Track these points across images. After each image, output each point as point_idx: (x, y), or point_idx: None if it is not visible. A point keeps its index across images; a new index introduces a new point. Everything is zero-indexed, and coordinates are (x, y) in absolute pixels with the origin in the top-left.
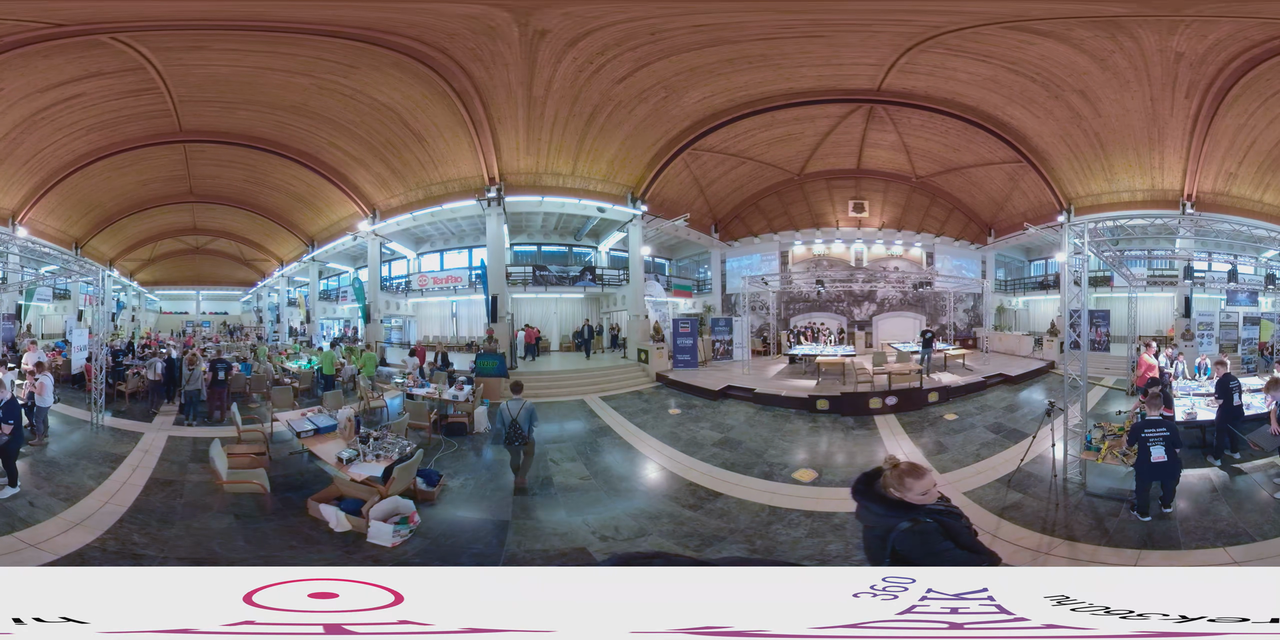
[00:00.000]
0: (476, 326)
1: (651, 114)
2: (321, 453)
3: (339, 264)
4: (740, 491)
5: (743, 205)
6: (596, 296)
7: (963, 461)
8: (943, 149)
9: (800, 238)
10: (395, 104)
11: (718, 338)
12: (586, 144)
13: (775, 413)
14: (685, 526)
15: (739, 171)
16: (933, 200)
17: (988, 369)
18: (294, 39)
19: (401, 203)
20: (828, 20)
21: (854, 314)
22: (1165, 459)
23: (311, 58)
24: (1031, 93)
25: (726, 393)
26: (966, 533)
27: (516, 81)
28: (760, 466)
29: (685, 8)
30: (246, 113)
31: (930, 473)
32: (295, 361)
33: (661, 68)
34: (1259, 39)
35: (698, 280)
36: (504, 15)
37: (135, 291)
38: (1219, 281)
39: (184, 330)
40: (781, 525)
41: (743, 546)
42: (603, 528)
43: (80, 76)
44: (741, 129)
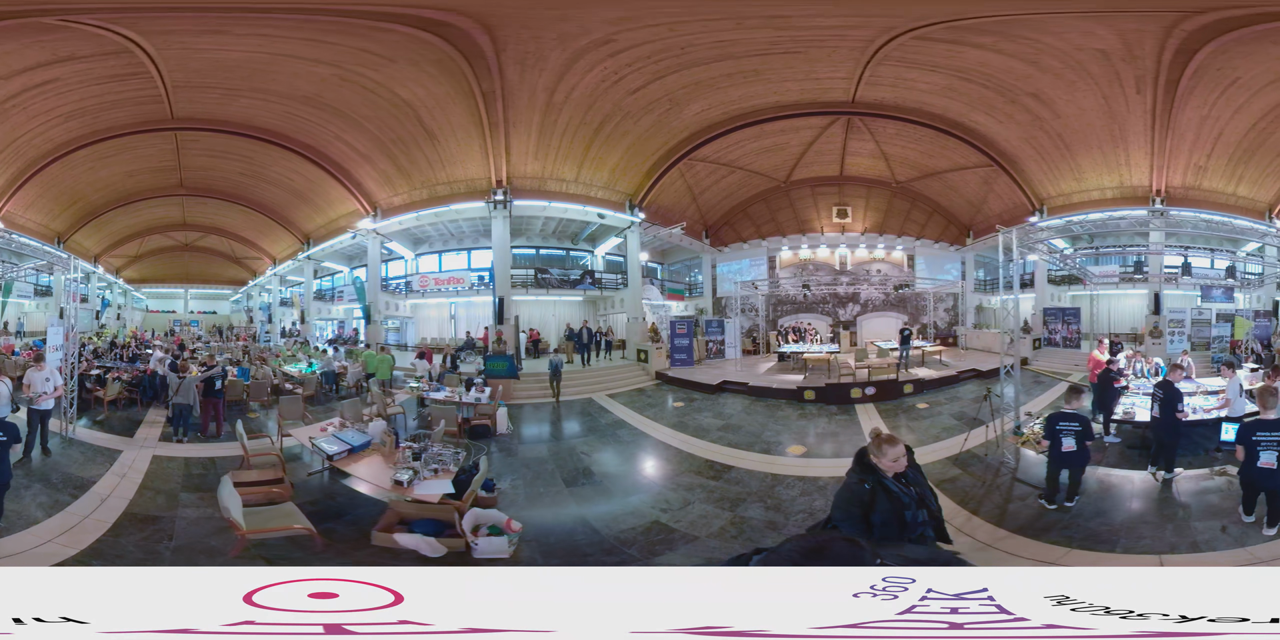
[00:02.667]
0: (476, 328)
1: (654, 125)
2: (367, 476)
3: (334, 263)
4: (747, 464)
5: (732, 212)
6: (594, 299)
7: (924, 441)
8: (918, 155)
9: (787, 243)
10: (416, 101)
11: (710, 338)
12: (592, 151)
13: (768, 403)
14: (715, 493)
15: (729, 180)
16: (913, 204)
17: (962, 364)
18: (342, 26)
19: (404, 201)
20: (802, 36)
21: (839, 315)
22: (1074, 449)
23: (350, 48)
24: (988, 98)
25: (723, 387)
26: (891, 508)
27: (543, 86)
28: (760, 445)
29: (712, 26)
30: (250, 101)
31: (901, 444)
32: (295, 365)
33: (672, 81)
34: (1164, 26)
35: (689, 283)
36: (581, 16)
37: (122, 289)
38: (1193, 277)
39: (171, 330)
40: (782, 487)
41: (759, 505)
42: (656, 503)
43: (50, 61)
44: (733, 140)
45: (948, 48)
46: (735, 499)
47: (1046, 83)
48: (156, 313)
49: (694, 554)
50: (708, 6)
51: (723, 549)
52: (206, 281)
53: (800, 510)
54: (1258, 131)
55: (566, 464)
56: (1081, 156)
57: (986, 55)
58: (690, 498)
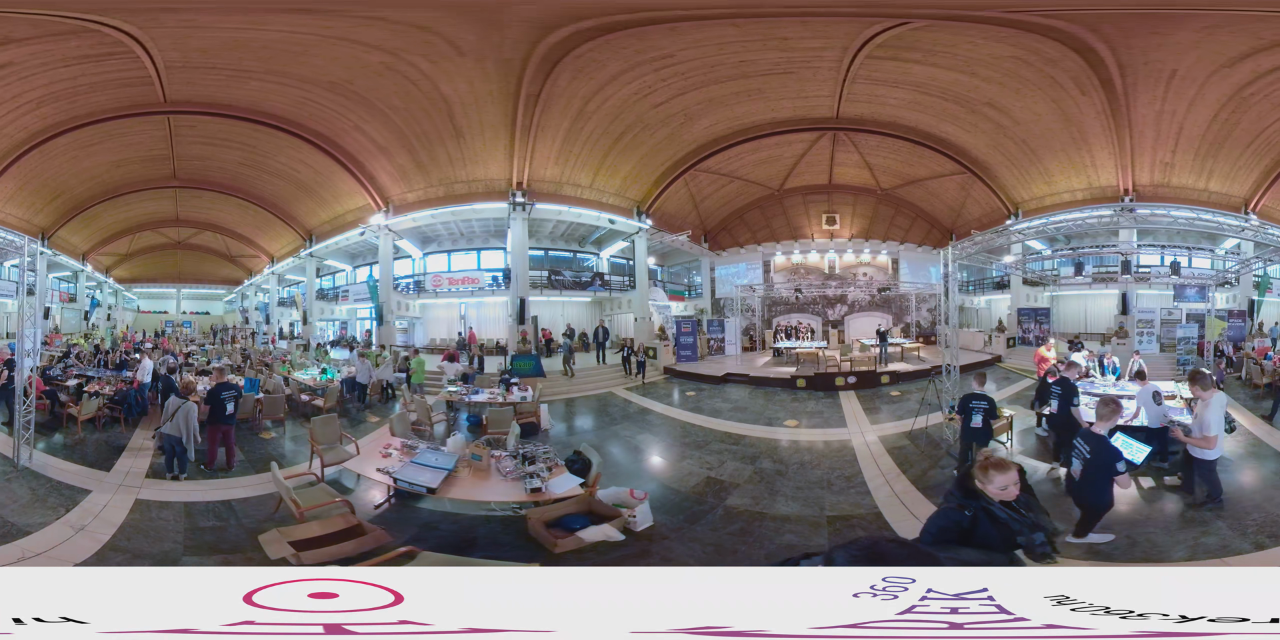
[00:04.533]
0: (485, 329)
1: (667, 137)
2: (486, 495)
3: (337, 261)
4: (756, 434)
5: (730, 218)
6: (602, 300)
7: (889, 420)
8: (900, 165)
9: (781, 249)
10: (454, 97)
11: (712, 336)
12: (609, 160)
13: (766, 390)
14: (738, 454)
15: (728, 189)
16: (897, 210)
17: (937, 360)
18: (451, 12)
19: (418, 198)
20: (795, 58)
21: (828, 314)
22: (980, 426)
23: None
24: (951, 110)
25: (727, 378)
26: (997, 536)
27: (583, 94)
28: (763, 420)
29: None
30: (263, 84)
31: (1014, 469)
32: (307, 372)
33: (690, 97)
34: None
35: (688, 284)
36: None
37: (112, 288)
38: (1163, 276)
39: (162, 331)
40: (781, 448)
41: (768, 459)
42: (702, 465)
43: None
44: (734, 152)
45: (895, 65)
46: (752, 457)
47: (995, 91)
48: (148, 313)
49: (742, 497)
50: (758, 29)
51: (754, 492)
52: (200, 281)
53: (795, 462)
54: (1220, 123)
55: (618, 446)
56: (1048, 160)
57: (928, 69)
58: (723, 458)
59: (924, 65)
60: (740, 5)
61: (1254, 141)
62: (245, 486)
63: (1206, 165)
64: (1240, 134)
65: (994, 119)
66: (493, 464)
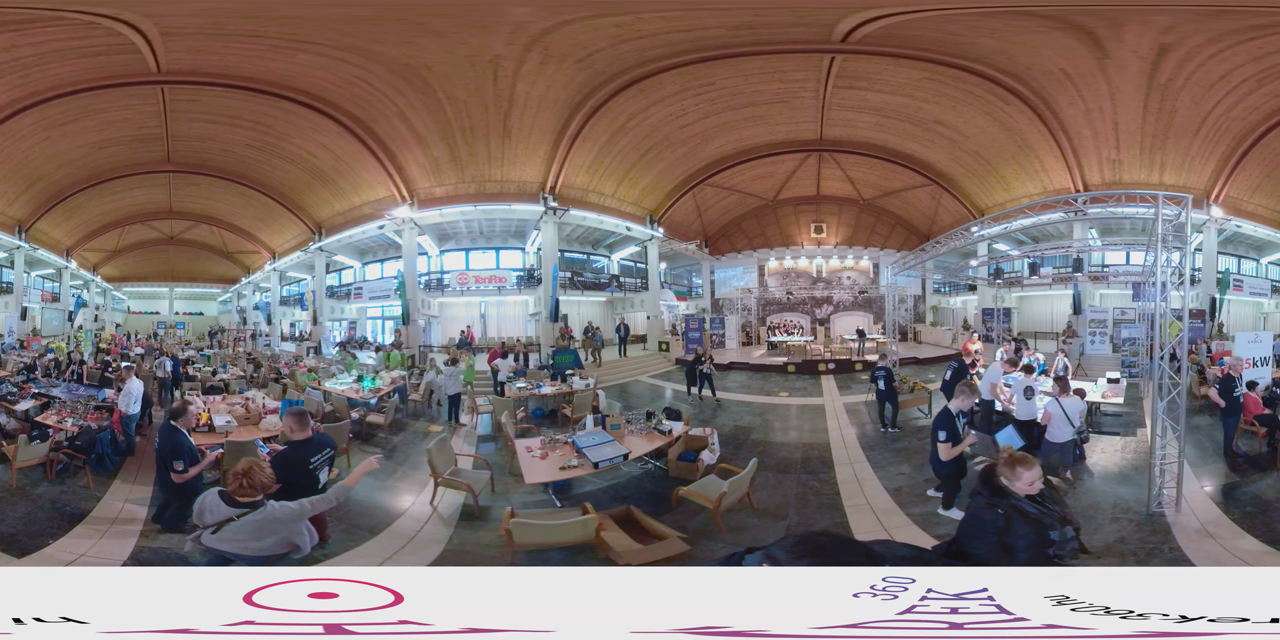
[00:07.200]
0: (507, 327)
1: (685, 154)
2: (636, 450)
3: (346, 257)
4: (759, 400)
5: (729, 226)
6: (615, 300)
7: (852, 395)
8: (877, 178)
9: (774, 254)
10: (522, 98)
11: (714, 332)
12: (632, 172)
13: (763, 374)
14: (751, 413)
15: (728, 200)
16: (878, 219)
17: (906, 353)
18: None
19: (447, 193)
20: (789, 89)
21: (816, 313)
22: (883, 388)
23: (526, 45)
24: (909, 129)
25: (731, 366)
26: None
27: (630, 111)
28: (763, 393)
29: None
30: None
31: (1037, 465)
32: (340, 380)
33: (711, 120)
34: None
35: (688, 285)
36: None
37: (100, 288)
38: (1121, 275)
39: (154, 333)
40: (776, 410)
41: (770, 415)
42: (737, 416)
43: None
44: (736, 169)
45: (854, 93)
46: (759, 413)
47: (937, 110)
48: (139, 314)
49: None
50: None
51: (764, 429)
52: (194, 279)
53: (785, 416)
54: (1154, 113)
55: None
56: (1002, 168)
57: (879, 95)
58: (743, 417)
59: (873, 92)
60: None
61: (1200, 128)
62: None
63: (1156, 158)
64: (1182, 122)
65: (945, 134)
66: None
